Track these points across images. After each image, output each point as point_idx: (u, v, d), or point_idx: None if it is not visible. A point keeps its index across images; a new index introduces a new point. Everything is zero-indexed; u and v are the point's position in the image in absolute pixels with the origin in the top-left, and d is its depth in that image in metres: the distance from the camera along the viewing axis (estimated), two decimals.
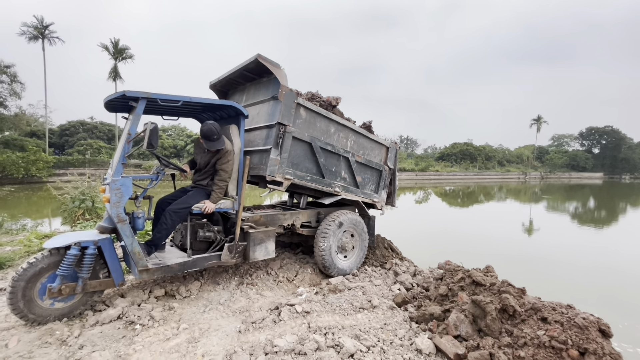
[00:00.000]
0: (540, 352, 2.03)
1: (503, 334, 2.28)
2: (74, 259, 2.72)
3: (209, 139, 3.10)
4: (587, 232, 10.55)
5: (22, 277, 2.63)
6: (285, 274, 3.99)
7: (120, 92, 2.69)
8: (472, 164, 51.07)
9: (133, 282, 3.57)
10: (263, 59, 3.33)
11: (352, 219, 4.21)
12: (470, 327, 2.44)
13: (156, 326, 2.74)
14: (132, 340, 2.54)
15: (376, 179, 4.69)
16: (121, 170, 2.73)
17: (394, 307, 3.21)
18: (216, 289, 3.51)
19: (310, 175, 3.76)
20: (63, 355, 2.32)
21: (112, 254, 2.93)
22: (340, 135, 4.04)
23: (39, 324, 2.71)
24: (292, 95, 3.39)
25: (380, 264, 4.53)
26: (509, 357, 2.09)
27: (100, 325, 2.74)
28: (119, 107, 3.33)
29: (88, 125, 35.51)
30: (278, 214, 3.94)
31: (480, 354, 2.14)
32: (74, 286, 2.78)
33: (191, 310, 3.06)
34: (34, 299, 2.70)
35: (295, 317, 2.90)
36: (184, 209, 3.07)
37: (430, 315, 2.79)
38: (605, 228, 11.43)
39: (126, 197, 2.73)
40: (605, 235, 10.21)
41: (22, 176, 21.76)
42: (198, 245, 3.42)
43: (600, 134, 67.50)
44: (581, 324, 2.05)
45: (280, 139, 3.37)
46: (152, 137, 2.57)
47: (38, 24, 28.19)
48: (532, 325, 2.22)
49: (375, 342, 2.48)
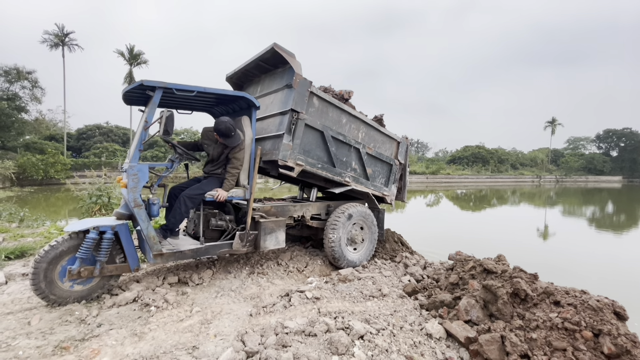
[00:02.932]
0: (553, 333, 2.01)
1: (515, 318, 2.26)
2: (93, 243, 2.82)
3: (227, 136, 3.18)
4: (608, 236, 10.22)
5: (44, 258, 2.74)
6: (295, 264, 4.03)
7: (138, 82, 2.80)
8: (485, 167, 50.25)
9: (147, 270, 3.67)
10: (279, 47, 3.41)
11: (362, 211, 4.23)
12: (481, 312, 2.42)
13: (170, 309, 2.81)
14: (147, 320, 2.62)
15: (386, 172, 4.70)
16: (138, 157, 2.83)
17: (404, 295, 3.20)
18: (228, 277, 3.57)
19: (321, 164, 3.81)
20: (82, 332, 2.41)
21: (129, 239, 3.03)
22: (352, 127, 4.08)
23: (59, 305, 2.81)
24: (306, 83, 3.45)
25: (390, 257, 4.52)
26: (521, 339, 2.06)
27: (117, 307, 2.83)
28: (135, 100, 3.45)
29: (104, 129, 36.54)
30: (288, 205, 3.99)
31: (492, 337, 2.13)
32: (92, 269, 2.88)
33: (203, 295, 3.13)
34: (55, 280, 2.81)
35: (306, 302, 2.93)
36: (198, 195, 3.15)
37: (441, 303, 2.78)
38: (627, 233, 11.03)
39: (142, 182, 2.83)
40: (627, 239, 9.86)
41: (41, 178, 22.51)
42: (210, 234, 3.49)
43: (618, 137, 65.53)
44: (595, 306, 2.02)
45: (293, 125, 3.43)
46: (167, 124, 2.67)
47: (59, 31, 29.33)
48: (545, 308, 2.20)
49: (385, 326, 2.49)
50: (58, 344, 2.25)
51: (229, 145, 3.23)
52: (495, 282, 2.43)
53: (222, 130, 3.10)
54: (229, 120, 3.12)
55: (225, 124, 3.09)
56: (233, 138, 3.18)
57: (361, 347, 2.20)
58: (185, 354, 2.19)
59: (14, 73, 23.99)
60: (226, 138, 3.16)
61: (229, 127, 3.10)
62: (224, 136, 3.14)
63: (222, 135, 3.14)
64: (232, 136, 3.15)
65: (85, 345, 2.26)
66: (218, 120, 3.13)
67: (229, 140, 3.18)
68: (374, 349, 2.20)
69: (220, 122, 3.11)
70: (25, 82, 24.49)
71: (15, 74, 23.83)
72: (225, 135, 3.13)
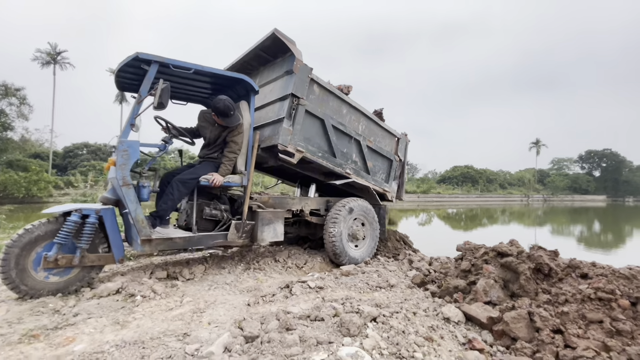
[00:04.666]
0: (586, 306, 1.83)
1: (540, 294, 2.07)
2: (74, 226, 2.56)
3: (225, 115, 3.01)
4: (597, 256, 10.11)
5: (16, 243, 2.45)
6: (294, 261, 3.77)
7: (133, 55, 2.66)
8: (474, 186, 50.93)
9: (133, 266, 3.36)
10: (280, 33, 3.34)
11: (363, 205, 4.06)
12: (501, 292, 2.23)
13: (158, 299, 2.53)
14: (131, 310, 2.33)
15: (387, 168, 4.58)
16: (129, 132, 2.64)
17: (412, 286, 2.98)
18: (222, 273, 3.30)
19: (322, 152, 3.66)
20: (55, 321, 2.11)
21: (114, 226, 2.77)
22: (352, 118, 3.98)
23: (32, 297, 2.49)
24: (307, 69, 3.37)
25: (392, 255, 4.30)
26: (551, 313, 1.87)
27: (97, 298, 2.53)
28: (128, 84, 3.29)
29: (92, 147, 35.87)
30: (287, 197, 3.80)
31: (518, 314, 1.93)
32: (71, 258, 2.59)
33: (195, 288, 2.85)
34: (28, 269, 2.50)
35: (309, 292, 2.69)
36: (192, 179, 2.94)
37: (455, 288, 2.58)
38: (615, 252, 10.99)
39: (133, 159, 2.62)
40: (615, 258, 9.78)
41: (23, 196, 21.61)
42: (204, 225, 3.24)
43: (599, 157, 67.89)
44: (628, 274, 1.86)
45: (294, 110, 3.31)
46: (163, 96, 2.51)
47: (51, 50, 29.37)
48: (572, 282, 2.02)
49: (399, 310, 2.26)
50: (26, 333, 1.95)
51: (228, 125, 3.06)
52: (514, 258, 2.26)
53: (221, 109, 2.94)
54: (227, 99, 2.97)
55: (224, 101, 2.93)
56: (232, 118, 3.01)
57: (375, 329, 1.97)
58: (175, 340, 1.91)
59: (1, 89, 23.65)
60: (225, 117, 2.99)
61: (227, 105, 2.94)
62: (223, 115, 2.98)
63: (221, 115, 2.98)
64: (231, 115, 2.99)
65: (58, 334, 1.96)
66: (216, 99, 2.97)
67: (227, 120, 3.02)
68: (389, 330, 1.96)
69: (218, 100, 2.95)
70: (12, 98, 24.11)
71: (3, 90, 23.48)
72: (224, 114, 2.96)
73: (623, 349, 1.61)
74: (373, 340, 1.84)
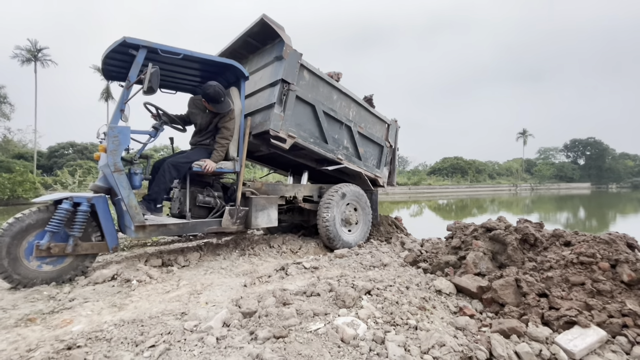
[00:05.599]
0: (569, 270, 1.92)
1: (526, 263, 2.16)
2: (65, 215, 2.54)
3: (216, 101, 3.00)
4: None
5: (7, 232, 2.43)
6: (288, 246, 3.81)
7: (120, 39, 2.63)
8: (464, 177, 51.66)
9: (126, 255, 3.35)
10: (268, 19, 3.33)
11: (355, 191, 4.11)
12: (490, 263, 2.31)
13: (154, 283, 2.54)
14: (128, 294, 2.34)
15: (378, 154, 4.64)
16: (119, 118, 2.62)
17: (405, 265, 3.06)
18: (217, 259, 3.32)
19: (313, 138, 3.69)
20: (51, 306, 2.11)
21: (107, 214, 2.75)
22: (343, 104, 4.01)
23: (25, 286, 2.48)
24: (297, 55, 3.37)
25: (385, 238, 4.38)
26: (536, 278, 1.96)
27: (92, 284, 2.53)
28: (116, 73, 3.24)
29: (78, 147, 35.06)
30: (279, 184, 3.83)
31: (506, 281, 2.02)
32: (63, 246, 2.58)
33: (191, 273, 2.86)
34: (20, 258, 2.48)
35: (304, 272, 2.74)
36: (184, 163, 2.94)
37: (446, 263, 2.66)
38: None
39: (123, 145, 2.61)
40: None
41: (7, 197, 21.06)
42: (198, 212, 3.25)
43: (584, 146, 69.54)
44: (607, 239, 1.96)
45: (284, 96, 3.32)
46: (152, 80, 2.49)
47: (32, 46, 28.44)
48: (556, 250, 2.12)
49: (392, 284, 2.33)
50: (22, 317, 1.95)
51: (219, 111, 3.05)
52: (502, 231, 2.35)
53: (211, 95, 2.93)
54: (217, 85, 2.96)
55: (214, 87, 2.93)
56: (223, 104, 3.01)
57: (369, 301, 2.03)
58: (173, 319, 1.94)
59: None
60: (215, 104, 2.99)
61: (218, 91, 2.93)
62: (213, 101, 2.97)
63: (211, 101, 2.97)
64: (221, 102, 2.99)
65: (55, 317, 1.97)
66: (206, 85, 2.96)
67: (218, 106, 3.01)
68: (383, 301, 2.02)
69: (208, 85, 2.94)
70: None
71: None
72: (215, 100, 2.96)
73: (604, 307, 1.71)
74: (368, 310, 1.90)
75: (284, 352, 1.47)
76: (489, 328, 1.81)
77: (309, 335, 1.61)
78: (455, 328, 1.84)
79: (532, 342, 1.61)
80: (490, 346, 1.57)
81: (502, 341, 1.60)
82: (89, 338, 1.64)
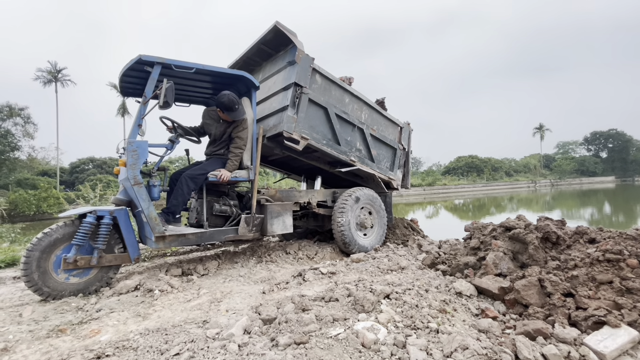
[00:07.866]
0: (595, 268, 1.85)
1: (549, 262, 2.10)
2: (90, 228, 2.64)
3: (230, 109, 3.08)
4: None
5: (36, 246, 2.54)
6: (304, 252, 3.83)
7: (136, 57, 2.73)
8: (479, 176, 50.57)
9: (147, 265, 3.45)
10: (282, 26, 3.40)
11: (369, 194, 4.10)
12: (511, 263, 2.26)
13: (175, 292, 2.60)
14: (151, 303, 2.40)
15: (391, 156, 4.62)
16: (137, 133, 2.72)
17: (423, 267, 3.02)
18: (235, 267, 3.37)
19: (326, 140, 3.73)
20: (80, 317, 2.19)
21: (128, 226, 2.85)
22: (355, 107, 4.03)
23: (54, 298, 2.58)
24: (309, 59, 3.43)
25: (401, 241, 4.34)
26: (560, 278, 1.90)
27: (117, 295, 2.61)
28: (132, 89, 3.37)
29: (97, 161, 36.35)
30: (293, 190, 3.86)
31: (528, 281, 1.96)
32: (89, 259, 2.67)
33: (210, 281, 2.92)
34: (49, 271, 2.59)
35: (321, 277, 2.74)
36: (200, 175, 3.01)
37: (465, 265, 2.61)
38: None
39: (142, 159, 2.70)
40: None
41: (33, 213, 21.99)
42: (214, 221, 3.32)
43: (605, 138, 66.94)
44: (635, 234, 1.89)
45: (297, 99, 3.37)
46: (168, 95, 2.58)
47: (52, 68, 29.82)
48: (580, 248, 2.05)
49: (411, 287, 2.30)
50: (53, 328, 2.03)
51: (233, 119, 3.13)
52: (522, 230, 2.29)
53: (225, 103, 3.01)
54: (231, 93, 3.04)
55: (228, 96, 3.01)
56: (237, 111, 3.08)
57: (389, 305, 2.01)
58: (195, 327, 1.98)
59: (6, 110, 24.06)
60: (230, 112, 3.06)
61: (232, 99, 3.01)
62: (228, 109, 3.04)
63: (226, 109, 3.05)
64: (235, 109, 3.06)
65: (83, 327, 2.04)
66: (220, 94, 3.05)
67: (232, 114, 3.08)
68: (402, 305, 2.00)
69: (222, 94, 3.03)
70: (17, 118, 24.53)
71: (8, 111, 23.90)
72: (229, 108, 3.03)
73: (634, 305, 1.64)
74: (387, 314, 1.89)
75: (306, 358, 1.48)
76: (513, 330, 1.77)
77: (330, 340, 1.62)
78: (478, 330, 1.80)
79: (559, 344, 1.56)
80: (515, 349, 1.54)
81: (528, 343, 1.55)
82: (116, 347, 1.69)
